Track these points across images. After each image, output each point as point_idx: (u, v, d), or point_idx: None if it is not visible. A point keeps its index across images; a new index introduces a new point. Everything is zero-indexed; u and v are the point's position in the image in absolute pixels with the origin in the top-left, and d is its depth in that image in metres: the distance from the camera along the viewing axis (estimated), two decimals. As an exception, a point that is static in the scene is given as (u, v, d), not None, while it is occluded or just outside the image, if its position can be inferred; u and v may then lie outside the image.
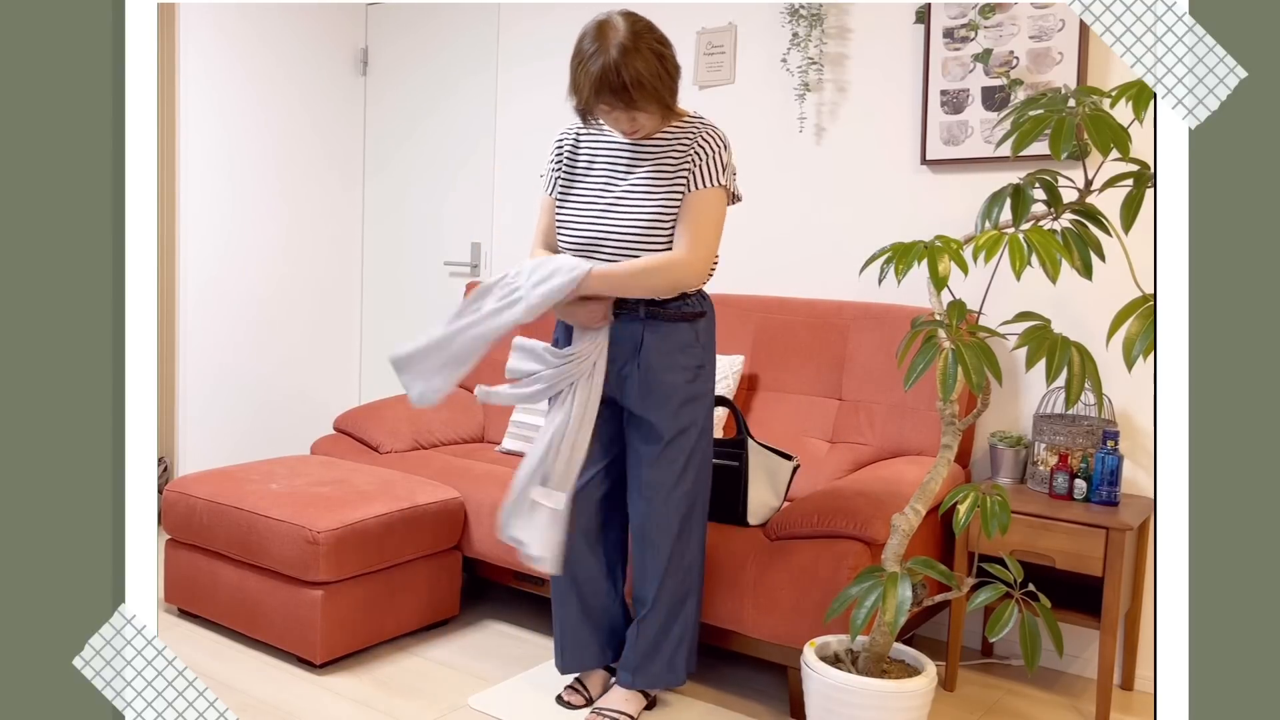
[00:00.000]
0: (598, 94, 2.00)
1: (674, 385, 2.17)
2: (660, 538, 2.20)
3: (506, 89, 3.88)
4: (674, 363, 2.17)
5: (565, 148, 2.25)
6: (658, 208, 2.11)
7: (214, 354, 3.91)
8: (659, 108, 2.04)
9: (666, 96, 2.03)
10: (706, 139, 2.13)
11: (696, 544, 2.26)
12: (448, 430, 3.41)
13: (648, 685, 2.29)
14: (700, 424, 2.21)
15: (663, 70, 2.01)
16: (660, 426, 2.18)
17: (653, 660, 2.27)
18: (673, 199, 2.12)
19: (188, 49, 3.73)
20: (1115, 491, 2.45)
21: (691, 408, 2.19)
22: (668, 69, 2.02)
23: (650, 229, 2.12)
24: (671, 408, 2.17)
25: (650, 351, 2.16)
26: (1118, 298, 2.63)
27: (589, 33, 2.01)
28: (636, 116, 2.05)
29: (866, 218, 3.02)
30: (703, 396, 2.21)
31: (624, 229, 2.13)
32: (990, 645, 2.81)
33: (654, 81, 1.99)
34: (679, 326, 2.17)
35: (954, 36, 2.80)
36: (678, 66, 2.06)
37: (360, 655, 2.68)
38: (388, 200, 4.33)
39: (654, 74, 1.99)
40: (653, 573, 2.23)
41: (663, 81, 2.01)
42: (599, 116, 2.08)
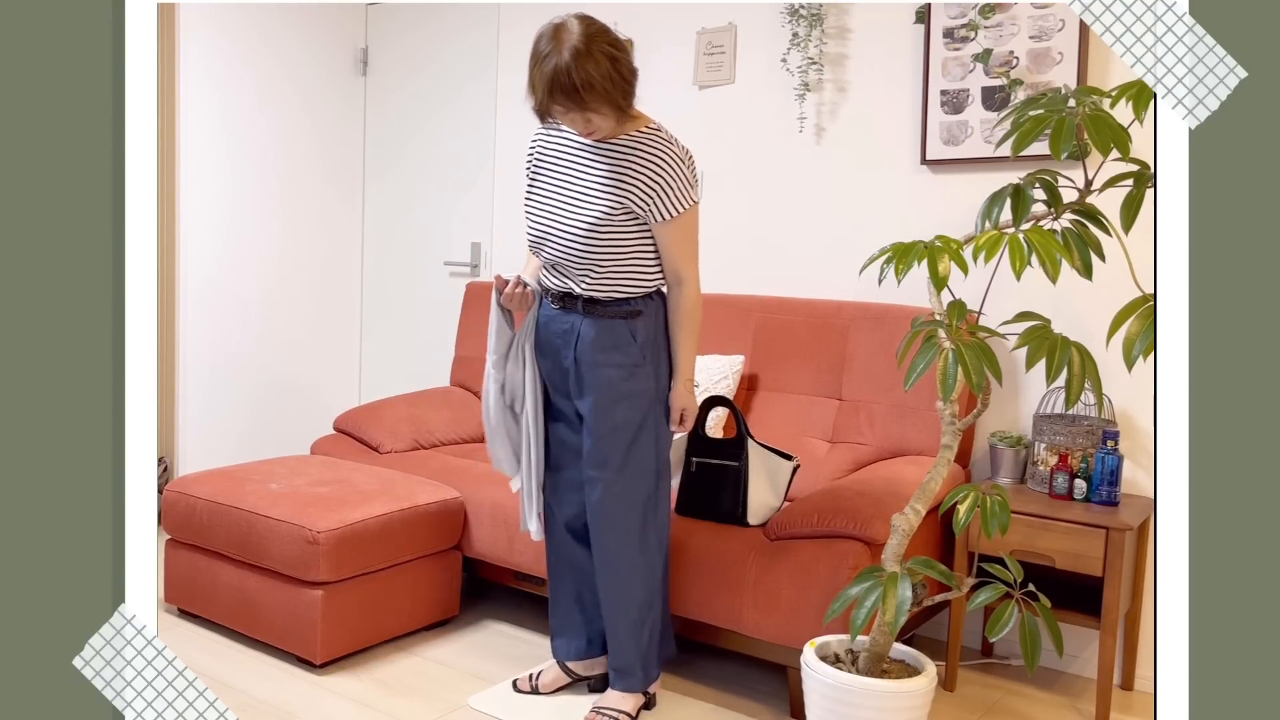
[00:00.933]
0: (551, 95, 2.03)
1: (607, 380, 2.19)
2: (605, 536, 2.24)
3: (507, 88, 3.88)
4: (609, 359, 2.19)
5: (536, 146, 2.31)
6: (603, 210, 2.15)
7: (214, 354, 3.91)
8: (612, 110, 2.06)
9: (619, 99, 2.05)
10: (668, 163, 2.14)
11: (652, 546, 2.27)
12: (448, 430, 3.41)
13: (630, 690, 2.32)
14: (639, 422, 2.21)
15: (615, 73, 2.02)
16: (592, 420, 2.22)
17: (631, 669, 2.31)
18: (619, 204, 2.14)
19: (188, 49, 3.73)
20: (1115, 491, 2.45)
21: (627, 405, 2.20)
22: (621, 72, 2.03)
23: (593, 229, 2.15)
24: (604, 403, 2.20)
25: (585, 345, 2.22)
26: (1118, 298, 2.63)
27: (545, 34, 2.03)
28: (590, 118, 2.07)
29: (866, 218, 3.02)
30: (640, 395, 2.21)
31: (571, 227, 2.18)
32: (990, 645, 2.81)
33: (605, 84, 2.00)
34: (615, 324, 2.20)
35: (954, 36, 2.80)
36: (633, 70, 2.07)
37: (360, 655, 2.68)
38: (388, 200, 4.33)
39: (605, 76, 2.00)
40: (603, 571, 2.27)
41: (615, 84, 2.02)
42: (556, 117, 2.10)
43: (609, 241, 2.16)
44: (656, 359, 2.25)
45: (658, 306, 2.26)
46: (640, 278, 2.21)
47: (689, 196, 2.18)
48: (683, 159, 2.17)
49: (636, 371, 2.21)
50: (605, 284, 2.19)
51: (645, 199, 2.14)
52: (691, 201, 2.18)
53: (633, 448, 2.22)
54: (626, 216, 2.15)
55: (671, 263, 2.21)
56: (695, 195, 2.19)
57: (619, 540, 2.23)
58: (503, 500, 2.75)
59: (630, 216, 2.16)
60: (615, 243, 2.16)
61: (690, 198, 2.18)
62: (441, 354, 4.15)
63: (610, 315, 2.20)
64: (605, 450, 2.21)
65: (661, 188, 2.14)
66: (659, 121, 2.19)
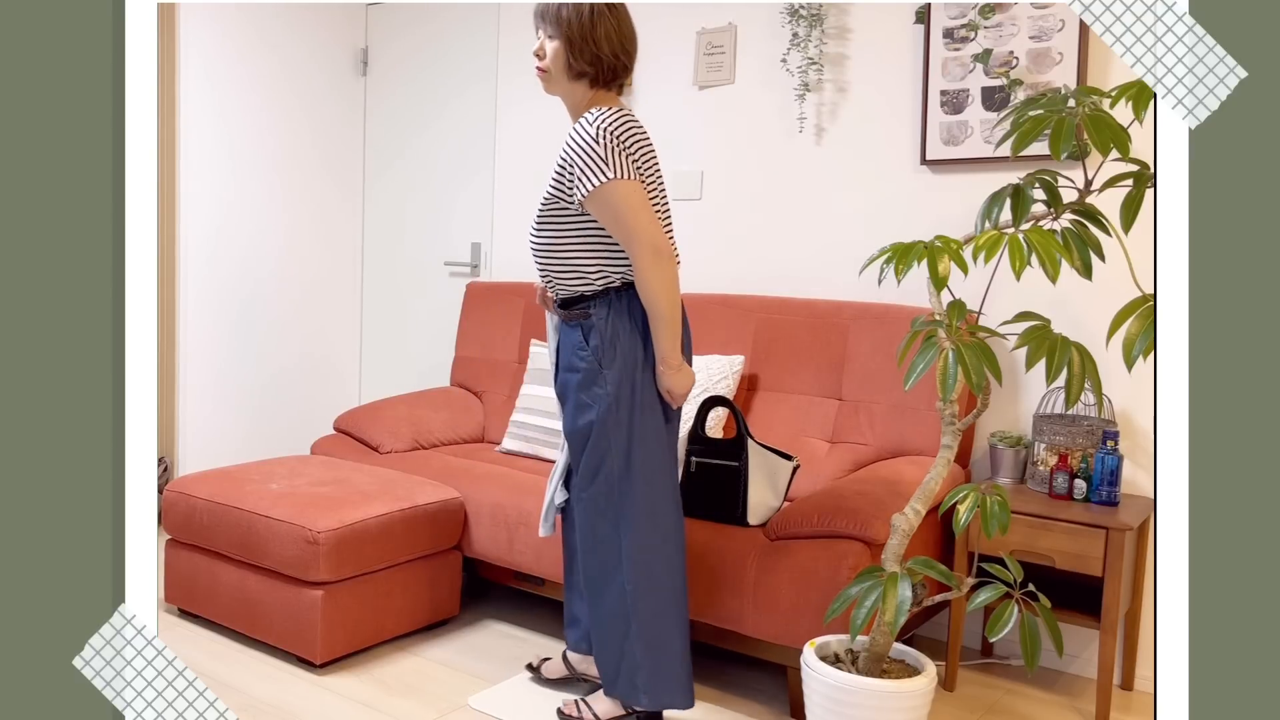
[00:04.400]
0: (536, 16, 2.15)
1: (568, 384, 2.19)
2: (580, 542, 2.20)
3: (507, 88, 3.88)
4: (569, 364, 2.18)
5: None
6: (541, 202, 2.17)
7: (214, 354, 3.91)
8: (563, 45, 2.10)
9: (575, 39, 2.08)
10: (582, 138, 2.04)
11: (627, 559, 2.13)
12: (448, 430, 3.41)
13: (611, 696, 2.22)
14: (600, 431, 2.11)
15: (577, 17, 2.07)
16: (562, 421, 2.24)
17: (616, 678, 2.19)
18: (548, 194, 2.13)
19: (188, 49, 3.73)
20: (1115, 491, 2.45)
21: (587, 413, 2.13)
22: (591, 18, 2.07)
23: (537, 225, 2.18)
24: (569, 411, 2.19)
25: (558, 350, 2.25)
26: (1118, 298, 2.63)
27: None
28: (542, 43, 2.13)
29: (866, 218, 3.02)
30: (594, 405, 2.11)
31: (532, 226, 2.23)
32: (990, 645, 2.81)
33: (569, 13, 2.07)
34: (573, 328, 2.17)
35: (954, 36, 2.80)
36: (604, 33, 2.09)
37: (360, 655, 2.68)
38: (388, 200, 4.33)
39: (573, 8, 2.07)
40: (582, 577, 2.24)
41: (575, 21, 2.07)
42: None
43: (550, 236, 2.14)
44: (624, 361, 2.10)
45: (618, 305, 2.12)
46: (584, 276, 2.12)
47: (604, 172, 2.01)
48: (604, 132, 2.02)
49: (594, 378, 2.11)
50: (560, 284, 2.16)
51: (561, 179, 2.09)
52: (614, 175, 2.01)
53: (594, 455, 2.13)
54: (558, 207, 2.11)
55: (623, 248, 2.07)
56: (623, 170, 2.02)
57: (586, 548, 2.18)
58: (503, 500, 2.75)
59: (562, 207, 2.10)
60: (556, 237, 2.13)
61: (606, 172, 2.01)
62: (441, 354, 4.15)
63: (572, 318, 2.17)
64: (576, 459, 2.19)
65: (572, 163, 2.05)
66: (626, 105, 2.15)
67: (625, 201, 2.02)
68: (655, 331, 2.08)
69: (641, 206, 2.03)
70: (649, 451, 2.13)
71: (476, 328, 3.66)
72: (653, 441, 2.14)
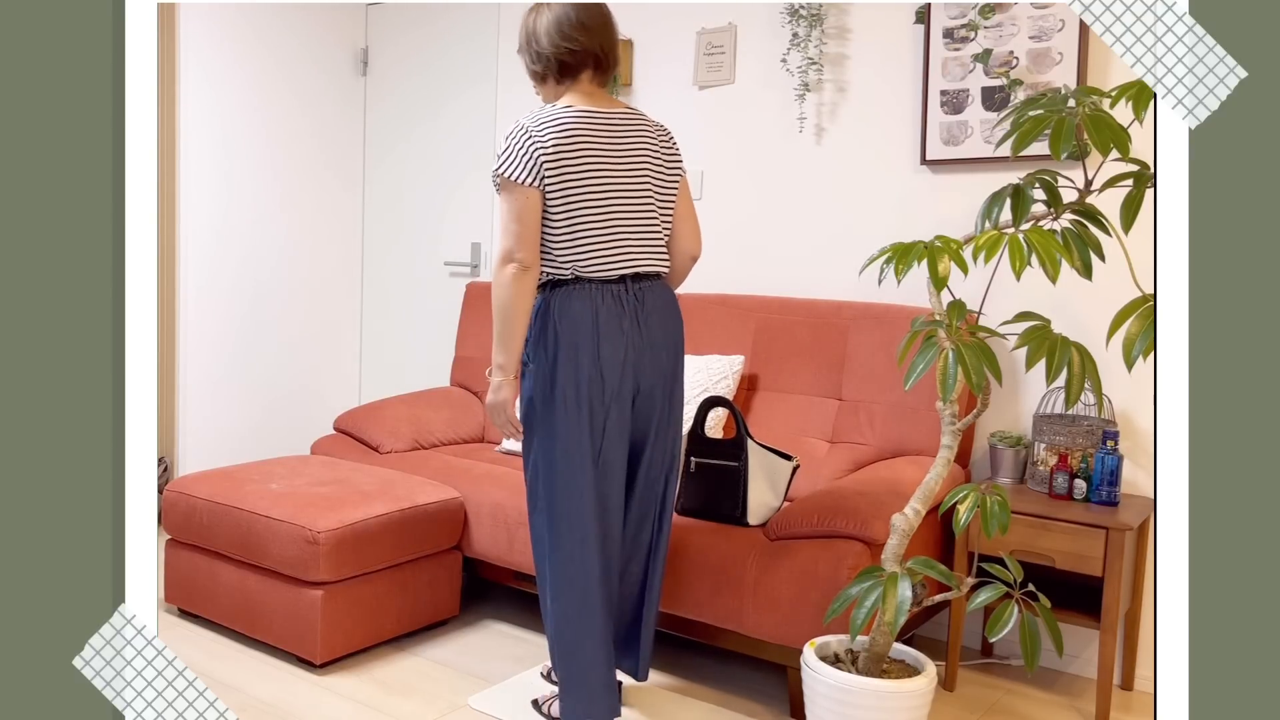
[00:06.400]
0: None
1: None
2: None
3: (507, 88, 3.88)
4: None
5: None
6: None
7: (214, 354, 3.91)
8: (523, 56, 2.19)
9: (522, 43, 2.18)
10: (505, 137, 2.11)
11: (546, 561, 2.14)
12: (448, 430, 3.41)
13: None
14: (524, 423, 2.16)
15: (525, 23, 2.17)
16: None
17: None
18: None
19: (188, 49, 3.73)
20: (1115, 491, 2.45)
21: (525, 407, 2.16)
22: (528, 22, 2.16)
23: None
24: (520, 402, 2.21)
25: None
26: (1118, 298, 2.63)
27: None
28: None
29: (866, 218, 3.02)
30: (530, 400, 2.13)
31: None
32: (990, 645, 2.81)
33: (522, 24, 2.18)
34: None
35: (954, 36, 2.80)
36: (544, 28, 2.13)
37: (360, 655, 2.68)
38: (388, 200, 4.33)
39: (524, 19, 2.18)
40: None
41: (522, 33, 2.18)
42: None
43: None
44: (541, 358, 2.10)
45: (547, 303, 2.10)
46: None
47: (499, 167, 2.05)
48: (512, 132, 2.06)
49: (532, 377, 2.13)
50: None
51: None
52: (503, 172, 2.04)
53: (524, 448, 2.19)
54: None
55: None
56: (513, 171, 2.03)
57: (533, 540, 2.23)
58: (503, 500, 2.75)
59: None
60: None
61: (500, 169, 2.05)
62: (441, 354, 4.15)
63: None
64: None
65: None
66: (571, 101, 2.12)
67: (503, 203, 2.07)
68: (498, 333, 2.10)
69: (510, 212, 2.04)
70: (563, 449, 2.08)
71: (476, 328, 3.66)
72: (566, 439, 2.08)
